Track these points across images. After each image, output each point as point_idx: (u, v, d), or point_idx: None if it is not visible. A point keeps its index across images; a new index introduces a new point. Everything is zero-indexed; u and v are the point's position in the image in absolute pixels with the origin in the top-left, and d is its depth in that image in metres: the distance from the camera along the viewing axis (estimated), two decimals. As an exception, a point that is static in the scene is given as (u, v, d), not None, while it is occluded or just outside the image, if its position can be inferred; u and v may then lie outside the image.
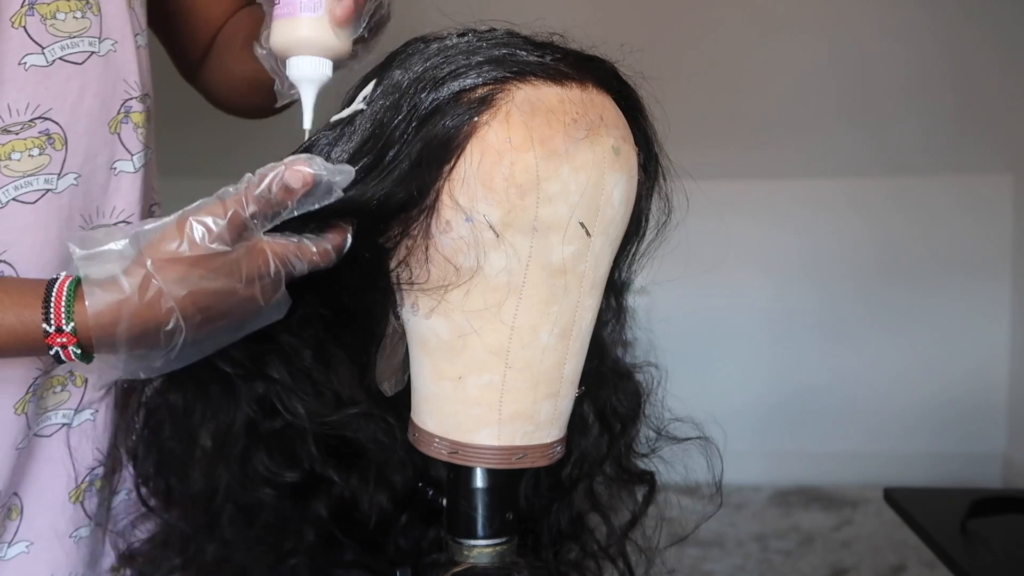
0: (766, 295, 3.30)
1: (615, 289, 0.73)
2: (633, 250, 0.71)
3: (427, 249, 0.61)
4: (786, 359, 3.31)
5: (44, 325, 0.56)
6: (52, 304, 0.56)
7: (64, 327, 0.56)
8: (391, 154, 0.60)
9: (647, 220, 0.70)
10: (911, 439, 3.25)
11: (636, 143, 0.65)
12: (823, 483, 3.20)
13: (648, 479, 0.77)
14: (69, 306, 0.56)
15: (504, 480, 0.67)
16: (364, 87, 0.64)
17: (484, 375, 0.63)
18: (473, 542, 0.67)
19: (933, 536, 1.31)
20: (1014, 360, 3.21)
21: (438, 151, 0.59)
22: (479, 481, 0.67)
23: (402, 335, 0.67)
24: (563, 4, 1.24)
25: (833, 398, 3.27)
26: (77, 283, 0.56)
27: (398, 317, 0.66)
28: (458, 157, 0.59)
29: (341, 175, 0.58)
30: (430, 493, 0.73)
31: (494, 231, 0.59)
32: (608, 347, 0.74)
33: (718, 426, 0.77)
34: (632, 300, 0.75)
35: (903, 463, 3.18)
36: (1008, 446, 3.21)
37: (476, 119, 0.59)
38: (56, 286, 0.56)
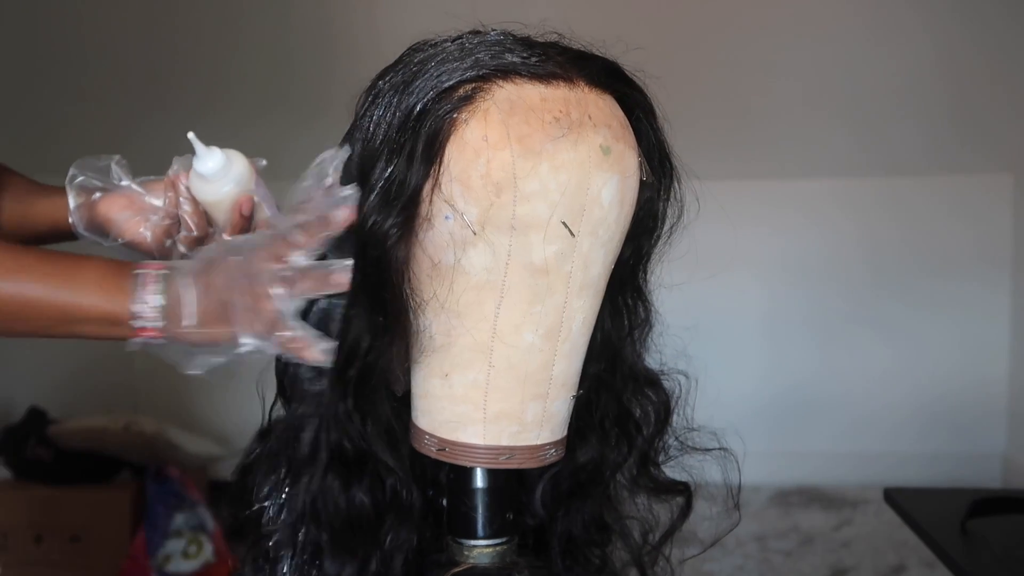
0: (766, 295, 3.30)
1: (635, 291, 0.72)
2: (647, 252, 0.70)
3: (412, 246, 0.62)
4: (786, 359, 3.31)
5: (133, 322, 0.65)
6: (144, 305, 0.64)
7: (149, 325, 0.64)
8: (382, 162, 0.61)
9: (663, 221, 0.69)
10: (911, 439, 3.25)
11: (640, 143, 0.64)
12: (823, 483, 3.20)
13: (683, 490, 0.76)
14: (161, 313, 0.64)
15: (504, 480, 0.67)
16: (366, 99, 0.65)
17: (469, 373, 0.63)
18: (473, 542, 0.67)
19: (933, 536, 1.30)
20: (1014, 360, 3.21)
21: (420, 149, 0.59)
22: (479, 481, 0.67)
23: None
24: (564, 4, 1.24)
25: (833, 398, 3.27)
26: (163, 280, 0.65)
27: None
28: (438, 155, 0.59)
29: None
30: (430, 493, 0.73)
31: (471, 229, 0.59)
32: (625, 351, 0.73)
33: (737, 435, 0.77)
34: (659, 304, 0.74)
35: (903, 463, 3.18)
36: (1008, 446, 3.21)
37: (455, 117, 0.59)
38: (146, 287, 0.65)
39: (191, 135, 0.79)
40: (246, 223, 0.84)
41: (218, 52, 3.15)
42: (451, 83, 0.60)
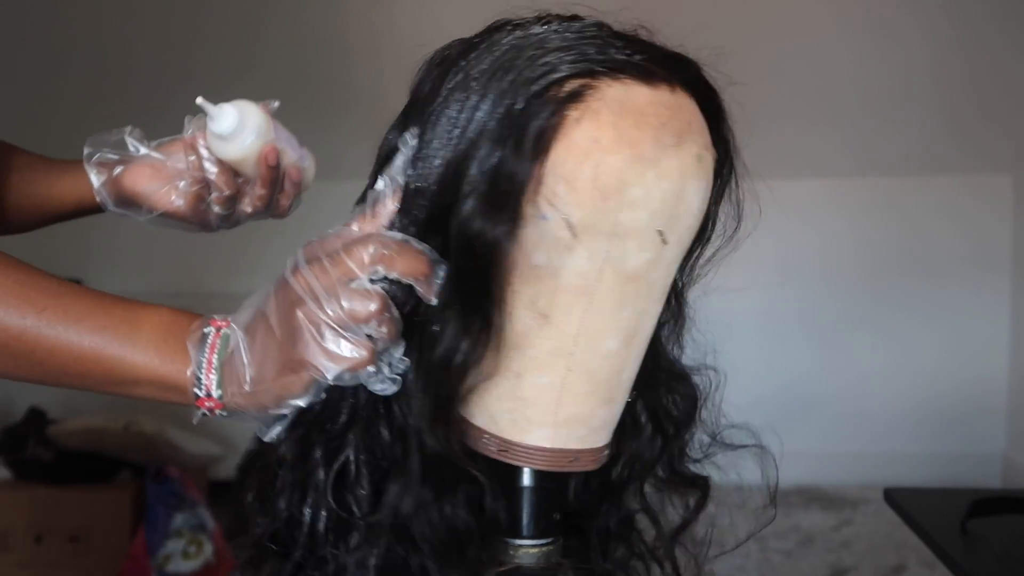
0: (765, 296, 3.30)
1: (676, 291, 0.71)
2: (697, 253, 0.69)
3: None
4: (785, 360, 3.31)
5: (194, 390, 0.58)
6: (203, 371, 0.57)
7: (212, 393, 0.57)
8: (480, 156, 0.57)
9: (714, 224, 0.68)
10: (911, 439, 3.25)
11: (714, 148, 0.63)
12: (823, 483, 3.20)
13: (701, 484, 0.75)
14: (220, 379, 0.57)
15: (551, 480, 0.66)
16: (442, 79, 0.61)
17: (544, 376, 0.61)
18: (519, 542, 0.66)
19: (933, 536, 1.30)
20: (1014, 360, 3.21)
21: (527, 145, 0.56)
22: (526, 480, 0.65)
23: None
24: None
25: (833, 398, 3.27)
26: (225, 341, 0.57)
27: None
28: (545, 153, 0.56)
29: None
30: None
31: (572, 232, 0.57)
32: (664, 349, 0.72)
33: (775, 433, 0.76)
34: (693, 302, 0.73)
35: (903, 463, 3.18)
36: (1008, 446, 3.21)
37: (565, 114, 0.56)
38: (207, 349, 0.57)
39: (200, 100, 0.76)
40: (275, 173, 0.81)
41: (238, 54, 3.15)
42: (559, 76, 0.57)
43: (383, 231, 0.59)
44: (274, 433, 0.58)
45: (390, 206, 0.60)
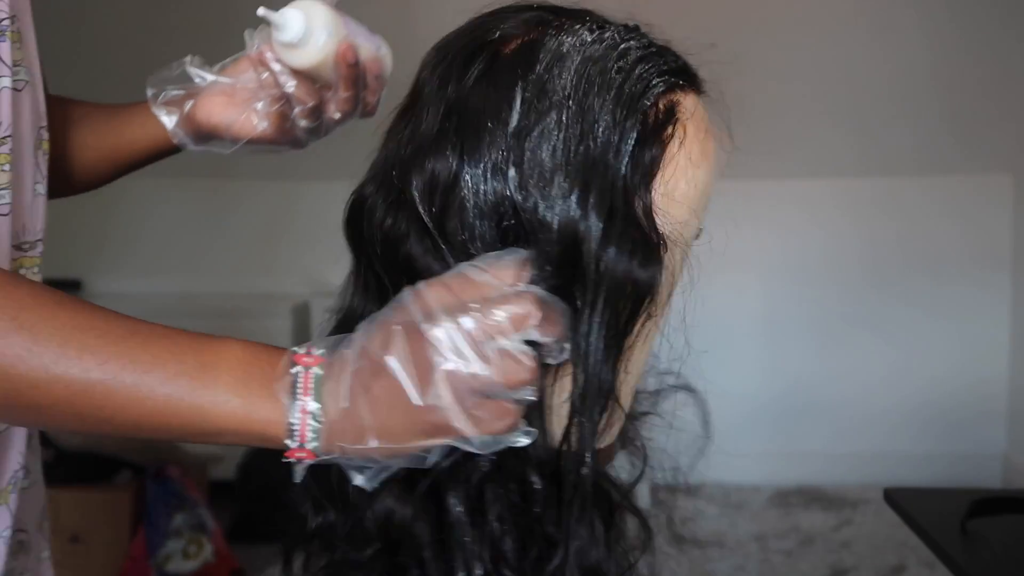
0: (765, 296, 3.30)
1: None
2: None
3: None
4: (785, 359, 3.31)
5: (287, 441, 0.50)
6: (297, 420, 0.50)
7: (307, 445, 0.50)
8: (606, 180, 0.55)
9: None
10: (911, 439, 3.25)
11: None
12: (823, 483, 3.20)
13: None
14: (317, 429, 0.50)
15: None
16: (481, 86, 0.57)
17: None
18: None
19: (933, 536, 1.30)
20: (1014, 360, 3.21)
21: (646, 170, 0.56)
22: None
23: None
24: None
25: (833, 398, 3.28)
26: (317, 383, 0.50)
27: None
28: (654, 174, 0.56)
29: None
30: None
31: (664, 246, 0.58)
32: None
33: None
34: None
35: (903, 463, 3.19)
36: (1008, 446, 3.21)
37: (671, 135, 0.57)
38: (299, 394, 0.50)
39: (262, 10, 0.71)
40: (355, 71, 0.76)
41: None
42: (658, 92, 0.57)
43: (534, 288, 0.52)
44: (364, 479, 0.52)
45: (530, 271, 0.53)
